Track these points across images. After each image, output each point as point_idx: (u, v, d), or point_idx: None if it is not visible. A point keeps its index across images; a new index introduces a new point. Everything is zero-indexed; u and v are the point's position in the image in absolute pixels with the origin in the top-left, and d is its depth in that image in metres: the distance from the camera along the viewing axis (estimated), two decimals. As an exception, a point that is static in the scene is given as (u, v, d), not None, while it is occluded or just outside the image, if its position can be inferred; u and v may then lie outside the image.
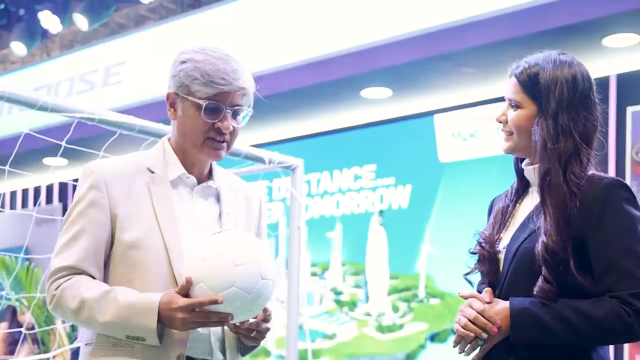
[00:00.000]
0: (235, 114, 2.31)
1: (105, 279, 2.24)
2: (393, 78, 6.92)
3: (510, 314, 2.14)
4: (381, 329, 7.63)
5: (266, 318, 2.24)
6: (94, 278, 2.21)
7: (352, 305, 7.88)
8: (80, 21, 9.33)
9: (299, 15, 7.23)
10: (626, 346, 6.18)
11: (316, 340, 7.92)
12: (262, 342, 2.32)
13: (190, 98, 2.25)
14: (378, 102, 7.50)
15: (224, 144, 2.30)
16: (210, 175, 2.38)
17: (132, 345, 2.17)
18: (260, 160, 4.07)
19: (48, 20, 9.72)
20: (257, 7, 7.56)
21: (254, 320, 2.22)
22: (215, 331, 2.27)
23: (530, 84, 2.23)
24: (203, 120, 2.25)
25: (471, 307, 2.18)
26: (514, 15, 5.88)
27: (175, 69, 2.29)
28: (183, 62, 2.28)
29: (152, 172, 2.29)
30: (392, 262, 7.68)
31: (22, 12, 10.15)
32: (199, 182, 2.35)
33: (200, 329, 2.21)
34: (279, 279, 2.44)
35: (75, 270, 2.20)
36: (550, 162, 2.18)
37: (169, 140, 2.38)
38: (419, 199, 7.58)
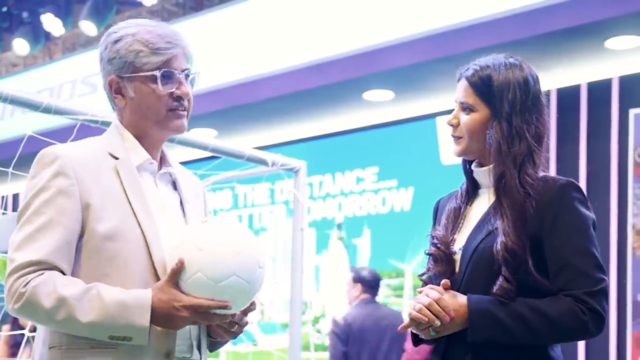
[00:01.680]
0: (185, 79, 2.15)
1: (74, 274, 2.02)
2: (395, 80, 6.92)
3: (468, 311, 2.16)
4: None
5: (248, 311, 2.11)
6: (64, 274, 1.99)
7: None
8: (88, 27, 9.31)
9: (301, 18, 7.23)
10: (629, 347, 6.18)
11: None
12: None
13: (140, 74, 2.10)
14: (380, 105, 7.51)
15: (185, 113, 2.15)
16: (162, 161, 2.22)
17: (115, 346, 1.98)
18: (263, 162, 4.07)
19: (51, 23, 9.73)
20: (259, 10, 7.56)
21: (237, 313, 2.09)
22: (194, 328, 2.13)
23: (483, 87, 2.23)
24: (161, 91, 2.10)
25: (427, 296, 2.19)
26: (516, 18, 5.88)
27: (110, 51, 2.12)
28: (117, 40, 2.12)
29: (116, 158, 2.10)
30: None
31: (25, 14, 10.16)
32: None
33: None
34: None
35: (45, 265, 1.96)
36: (505, 165, 2.19)
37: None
38: (421, 202, 7.58)
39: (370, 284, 6.00)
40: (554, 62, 6.09)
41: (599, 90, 6.54)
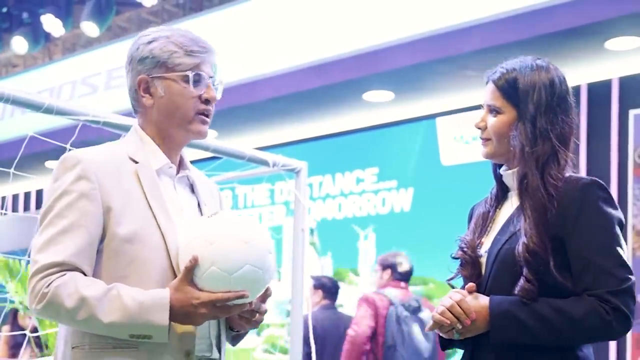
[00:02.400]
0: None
1: (95, 275, 2.07)
2: (395, 81, 6.92)
3: (490, 313, 2.17)
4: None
5: (265, 298, 2.16)
6: (85, 275, 2.04)
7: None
8: (89, 28, 9.30)
9: (301, 18, 7.24)
10: (629, 348, 6.18)
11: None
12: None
13: (172, 74, 2.16)
14: (380, 105, 7.51)
15: (209, 120, 2.21)
16: (181, 165, 2.27)
17: (137, 345, 2.04)
18: (264, 163, 4.07)
19: (51, 23, 9.73)
20: (260, 10, 7.57)
21: (255, 302, 2.14)
22: (213, 327, 2.19)
23: (509, 89, 2.26)
24: (192, 91, 2.15)
25: (450, 298, 2.20)
26: (516, 18, 5.89)
27: (143, 51, 2.18)
28: (150, 41, 2.18)
29: (136, 162, 2.15)
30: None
31: (25, 15, 10.16)
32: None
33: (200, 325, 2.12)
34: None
35: (67, 267, 2.02)
36: (527, 166, 2.21)
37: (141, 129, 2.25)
38: (421, 202, 7.58)
39: (330, 291, 6.36)
40: (554, 63, 6.08)
41: (598, 91, 6.55)
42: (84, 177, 2.07)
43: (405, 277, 5.84)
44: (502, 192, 2.36)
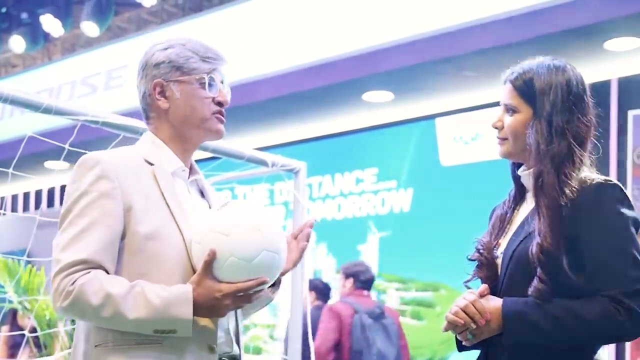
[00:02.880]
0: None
1: (116, 273, 2.12)
2: (395, 81, 6.92)
3: (502, 314, 2.16)
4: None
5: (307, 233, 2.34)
6: (107, 272, 2.09)
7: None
8: (89, 28, 9.30)
9: (301, 19, 7.24)
10: (628, 349, 6.18)
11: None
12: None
13: (188, 77, 2.25)
14: (380, 106, 7.51)
15: (224, 120, 2.33)
16: (191, 170, 2.36)
17: (161, 340, 2.08)
18: (263, 163, 4.07)
19: (50, 23, 9.73)
20: (259, 10, 7.57)
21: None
22: (231, 321, 2.25)
23: (526, 89, 2.27)
24: (207, 94, 2.25)
25: (464, 299, 2.20)
26: (515, 19, 5.89)
27: (158, 57, 2.26)
28: (165, 48, 2.27)
29: (151, 164, 2.22)
30: (396, 266, 7.69)
31: (24, 15, 10.15)
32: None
33: (221, 320, 2.18)
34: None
35: (91, 264, 2.06)
36: (543, 164, 2.21)
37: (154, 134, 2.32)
38: (420, 203, 7.58)
39: (322, 292, 6.56)
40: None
41: (598, 92, 6.51)
42: (104, 177, 2.12)
43: (367, 286, 5.99)
44: (520, 194, 2.36)
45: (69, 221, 2.11)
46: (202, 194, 2.37)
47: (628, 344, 6.16)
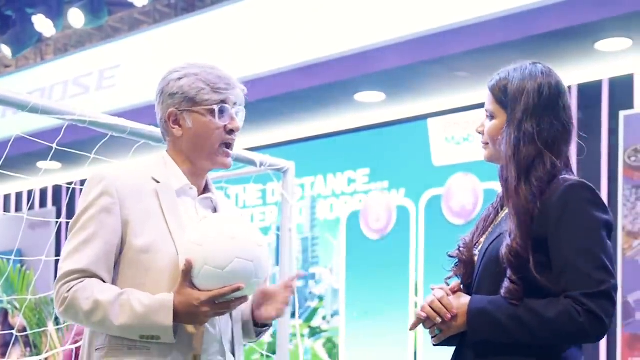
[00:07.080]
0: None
1: (114, 283, 2.29)
2: (386, 82, 6.93)
3: (467, 311, 2.21)
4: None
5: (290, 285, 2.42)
6: (104, 281, 2.26)
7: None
8: (76, 18, 9.27)
9: (292, 19, 7.24)
10: (619, 348, 6.19)
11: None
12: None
13: (199, 107, 2.36)
14: (371, 106, 7.51)
15: (231, 152, 2.44)
16: (206, 188, 2.48)
17: (148, 346, 2.23)
18: (251, 162, 4.07)
19: (42, 23, 9.71)
20: (250, 11, 7.57)
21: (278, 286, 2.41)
22: (225, 332, 2.35)
23: (501, 95, 2.31)
24: (217, 123, 2.36)
25: (433, 295, 2.26)
26: (506, 20, 5.90)
27: (172, 87, 2.38)
28: (179, 78, 2.38)
29: (157, 182, 2.36)
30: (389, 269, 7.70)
31: (16, 15, 10.13)
32: (199, 194, 2.46)
33: (211, 329, 2.31)
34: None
35: (86, 274, 2.24)
36: (508, 169, 2.26)
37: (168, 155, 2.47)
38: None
39: None
40: (544, 64, 6.09)
41: (589, 92, 6.55)
42: (106, 193, 2.28)
43: None
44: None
45: (73, 233, 2.29)
46: (216, 211, 2.47)
47: (619, 344, 6.17)
